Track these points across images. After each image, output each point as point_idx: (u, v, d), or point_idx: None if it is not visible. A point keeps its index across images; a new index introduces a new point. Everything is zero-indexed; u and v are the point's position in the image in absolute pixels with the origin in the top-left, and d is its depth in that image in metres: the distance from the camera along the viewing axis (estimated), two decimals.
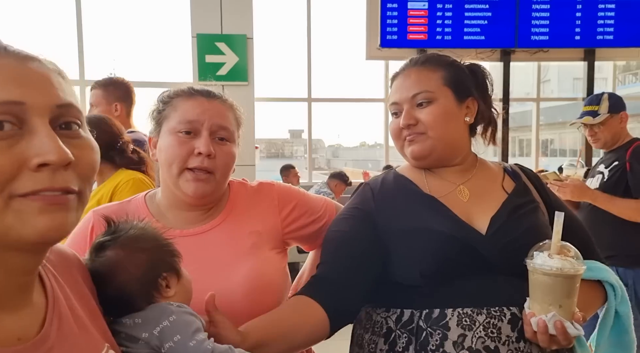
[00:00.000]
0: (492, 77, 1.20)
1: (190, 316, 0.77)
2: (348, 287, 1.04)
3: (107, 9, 5.77)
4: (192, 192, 1.02)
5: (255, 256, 1.06)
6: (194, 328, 0.75)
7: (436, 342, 0.98)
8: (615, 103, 2.60)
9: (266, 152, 22.22)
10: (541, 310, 0.93)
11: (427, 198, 1.10)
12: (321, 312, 1.00)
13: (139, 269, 0.78)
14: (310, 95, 5.86)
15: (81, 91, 5.15)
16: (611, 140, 2.60)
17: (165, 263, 0.82)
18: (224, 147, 1.04)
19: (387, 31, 5.22)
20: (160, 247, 0.83)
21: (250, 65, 4.69)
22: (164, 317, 0.75)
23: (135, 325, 0.76)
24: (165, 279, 0.81)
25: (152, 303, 0.79)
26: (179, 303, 0.79)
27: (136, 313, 0.77)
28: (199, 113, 1.03)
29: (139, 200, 1.12)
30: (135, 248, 0.80)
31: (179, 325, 0.75)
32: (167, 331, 0.74)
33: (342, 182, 5.33)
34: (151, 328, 0.74)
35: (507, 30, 5.30)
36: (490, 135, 1.20)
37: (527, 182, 1.17)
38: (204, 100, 1.05)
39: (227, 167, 1.06)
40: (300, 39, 5.74)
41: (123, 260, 0.78)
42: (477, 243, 1.02)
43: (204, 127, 1.02)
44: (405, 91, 1.12)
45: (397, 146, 1.17)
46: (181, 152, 1.01)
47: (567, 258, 0.92)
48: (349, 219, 1.12)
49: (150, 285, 0.79)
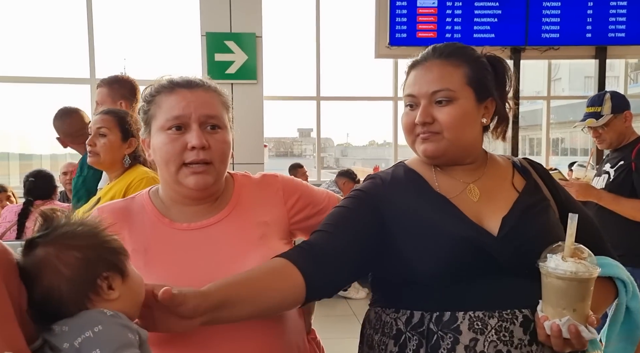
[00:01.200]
0: (512, 71, 1.14)
1: (121, 329, 0.69)
2: (335, 260, 1.01)
3: (117, 8, 5.80)
4: (193, 185, 1.02)
5: (265, 246, 1.05)
6: (119, 345, 0.66)
7: (447, 345, 0.97)
8: (618, 103, 2.57)
9: (275, 151, 22.23)
10: (555, 314, 0.91)
11: (438, 198, 1.07)
12: (299, 277, 0.95)
13: (70, 269, 0.71)
14: (319, 93, 5.86)
15: (91, 90, 5.21)
16: (617, 140, 2.58)
17: (106, 261, 0.74)
18: (217, 135, 1.03)
19: (396, 29, 5.21)
20: (100, 244, 0.75)
21: (259, 63, 4.70)
22: (88, 326, 0.67)
23: (61, 334, 0.68)
24: (107, 279, 0.74)
25: (88, 309, 0.71)
26: (114, 312, 0.71)
27: (66, 320, 0.69)
28: (184, 107, 1.01)
29: (144, 196, 1.12)
30: (68, 245, 0.72)
31: (102, 338, 0.66)
32: (87, 343, 0.66)
33: (350, 180, 5.32)
34: (73, 338, 0.66)
35: (517, 28, 5.27)
36: (501, 131, 1.16)
37: (537, 179, 1.14)
38: (187, 93, 1.03)
39: (224, 155, 1.05)
40: (309, 38, 5.74)
41: (52, 258, 0.71)
42: (489, 245, 1.00)
43: (192, 120, 1.01)
44: (425, 85, 1.06)
45: (408, 140, 1.12)
46: (175, 149, 1.01)
47: (581, 261, 0.90)
48: (353, 198, 1.11)
49: (86, 287, 0.72)
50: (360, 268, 1.07)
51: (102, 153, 1.90)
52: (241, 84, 4.60)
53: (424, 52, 1.11)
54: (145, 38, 6.69)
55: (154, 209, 1.08)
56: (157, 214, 1.08)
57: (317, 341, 1.24)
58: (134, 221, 1.07)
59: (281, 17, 6.69)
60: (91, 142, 1.90)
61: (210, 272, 0.99)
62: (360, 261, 1.05)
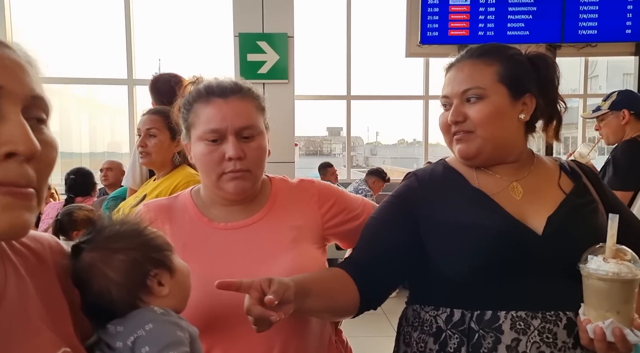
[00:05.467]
0: (559, 69, 1.12)
1: (171, 326, 0.69)
2: (380, 276, 1.06)
3: (154, 11, 5.95)
4: (233, 189, 1.07)
5: (295, 249, 1.08)
6: (168, 342, 0.67)
7: (489, 345, 0.96)
8: (620, 100, 2.56)
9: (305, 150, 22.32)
10: (597, 317, 0.89)
11: (477, 193, 1.06)
12: (355, 289, 1.02)
13: (118, 272, 0.71)
14: (350, 92, 5.86)
15: (129, 90, 5.36)
16: (612, 136, 2.58)
17: (152, 260, 0.74)
18: (252, 144, 1.06)
19: (428, 27, 5.17)
20: (144, 243, 0.75)
21: (291, 63, 4.73)
22: (140, 325, 0.68)
23: (116, 334, 0.69)
24: (156, 277, 0.74)
25: (140, 307, 0.72)
26: (165, 310, 0.72)
27: (119, 320, 0.70)
28: (220, 120, 1.04)
29: (186, 195, 1.17)
30: (112, 249, 0.72)
31: (152, 336, 0.67)
32: (139, 342, 0.66)
33: (380, 179, 5.30)
34: (126, 337, 0.67)
35: (552, 25, 5.15)
36: (553, 131, 1.13)
37: (586, 182, 1.11)
38: (222, 103, 1.05)
39: (259, 161, 1.08)
40: (340, 37, 5.76)
41: (99, 263, 0.71)
42: (532, 243, 0.98)
43: (229, 132, 1.04)
44: (457, 85, 1.07)
45: (446, 141, 1.13)
46: (213, 159, 1.05)
47: (624, 262, 0.88)
48: (388, 208, 1.12)
49: (136, 288, 0.72)
50: (405, 273, 1.10)
51: (153, 153, 1.94)
52: (273, 83, 4.65)
53: (460, 54, 1.12)
54: (180, 39, 6.84)
55: (195, 208, 1.13)
56: (197, 213, 1.13)
57: (345, 342, 1.25)
58: (176, 218, 1.12)
59: (313, 16, 6.72)
60: (142, 144, 1.94)
61: (240, 270, 1.03)
62: (403, 268, 1.08)
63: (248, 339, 1.02)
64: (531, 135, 1.14)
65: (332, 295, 1.00)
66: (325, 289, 0.98)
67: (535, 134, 1.15)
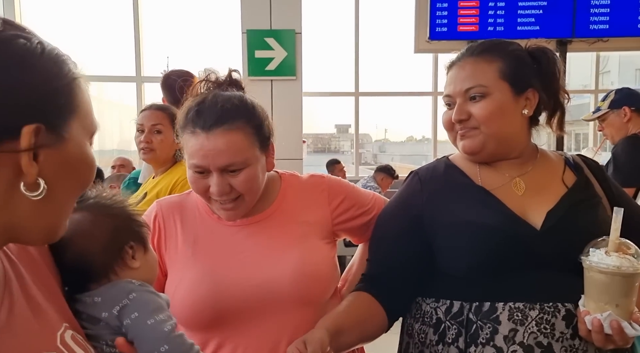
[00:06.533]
0: (560, 61, 1.12)
1: (151, 295, 0.74)
2: (399, 287, 1.09)
3: (162, 8, 5.97)
4: (225, 218, 1.09)
5: (304, 244, 1.09)
6: (154, 307, 0.72)
7: (486, 335, 0.97)
8: (619, 98, 2.53)
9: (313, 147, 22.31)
10: (596, 309, 0.90)
11: (478, 191, 1.07)
12: (381, 310, 1.07)
13: (104, 234, 0.76)
14: (358, 89, 5.85)
15: (137, 88, 5.38)
16: (617, 135, 2.54)
17: (133, 232, 0.80)
18: (239, 176, 1.02)
19: (437, 23, 5.12)
20: (129, 216, 0.81)
21: (299, 60, 4.73)
22: (123, 295, 0.72)
23: (95, 304, 0.73)
24: (132, 249, 0.79)
25: (113, 276, 0.76)
26: (141, 282, 0.76)
27: (95, 291, 0.74)
28: (201, 157, 1.00)
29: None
30: (102, 213, 0.77)
31: (138, 303, 0.72)
32: (126, 309, 0.71)
33: (388, 176, 5.29)
34: (110, 307, 0.71)
35: (563, 19, 5.09)
36: (557, 123, 1.13)
37: (589, 176, 1.12)
38: (204, 139, 1.00)
39: (250, 188, 1.05)
40: (348, 33, 5.74)
41: (87, 223, 0.75)
42: (530, 238, 1.00)
43: (212, 168, 1.01)
44: (459, 84, 1.08)
45: (450, 138, 1.15)
46: (199, 188, 1.04)
47: (626, 256, 0.88)
48: (396, 218, 1.14)
49: (114, 253, 0.76)
50: (422, 277, 1.11)
51: (158, 149, 1.95)
52: (281, 80, 4.65)
53: (460, 52, 1.13)
54: (188, 36, 6.85)
55: (205, 206, 1.14)
56: (207, 211, 1.14)
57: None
58: (187, 215, 1.14)
59: (320, 13, 6.71)
60: (148, 139, 1.94)
61: (249, 265, 1.06)
62: (420, 273, 1.10)
63: (257, 332, 1.04)
64: (535, 129, 1.14)
65: (363, 325, 1.04)
66: (356, 322, 1.02)
67: (543, 129, 1.15)
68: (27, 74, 0.53)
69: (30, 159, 0.52)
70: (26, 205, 0.54)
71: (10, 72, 0.51)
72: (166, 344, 0.70)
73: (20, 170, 0.52)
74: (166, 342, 0.70)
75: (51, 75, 0.55)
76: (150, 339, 0.70)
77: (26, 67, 0.53)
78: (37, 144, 0.52)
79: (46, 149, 0.54)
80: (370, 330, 1.07)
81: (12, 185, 0.53)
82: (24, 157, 0.52)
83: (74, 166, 0.58)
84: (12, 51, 0.52)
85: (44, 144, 0.53)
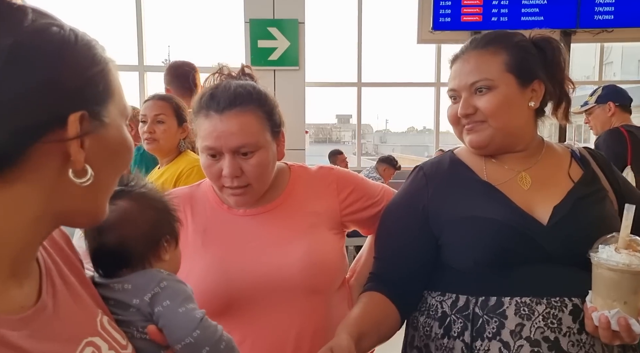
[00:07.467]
0: (565, 50, 1.11)
1: (181, 284, 0.77)
2: (409, 284, 1.09)
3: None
4: (234, 204, 1.10)
5: (312, 235, 1.10)
6: (184, 297, 0.75)
7: (493, 329, 0.97)
8: (606, 94, 2.77)
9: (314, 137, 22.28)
10: (604, 305, 0.89)
11: (483, 186, 1.07)
12: (394, 309, 1.07)
13: (147, 224, 0.79)
14: (360, 79, 5.83)
15: (140, 77, 5.38)
16: (600, 128, 2.78)
17: (171, 226, 0.83)
18: (251, 160, 1.04)
19: (440, 13, 5.09)
20: (170, 211, 0.84)
21: (302, 49, 4.71)
22: (154, 283, 0.74)
23: (124, 291, 0.74)
24: (167, 242, 0.81)
25: (147, 264, 0.78)
26: (169, 272, 0.79)
27: (125, 278, 0.76)
28: (214, 138, 1.02)
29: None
30: (147, 204, 0.80)
31: (170, 292, 0.74)
32: (157, 297, 0.73)
33: (391, 167, 5.30)
34: (142, 294, 0.73)
35: (567, 10, 5.06)
36: (563, 112, 1.12)
37: (596, 169, 1.10)
38: (217, 120, 1.02)
39: (261, 174, 1.07)
40: (351, 23, 5.71)
41: (135, 211, 0.78)
42: (537, 233, 0.99)
43: (224, 150, 1.03)
44: (464, 78, 1.06)
45: (456, 132, 1.13)
46: (212, 173, 1.06)
47: (636, 253, 0.87)
48: (402, 214, 1.13)
49: (152, 243, 0.79)
50: (430, 272, 1.11)
51: (161, 139, 1.94)
52: (284, 70, 4.64)
53: (463, 45, 1.12)
54: (191, 25, 6.82)
55: (215, 197, 1.15)
56: (217, 201, 1.15)
57: None
58: (197, 205, 1.15)
59: (324, 2, 6.67)
60: (151, 130, 1.94)
61: (258, 254, 1.07)
62: (429, 269, 1.10)
63: (266, 320, 1.05)
64: (541, 120, 1.13)
65: (380, 327, 1.04)
66: (374, 325, 1.02)
67: (546, 120, 1.14)
68: (67, 63, 0.53)
69: (78, 146, 0.53)
70: (74, 191, 0.55)
71: (51, 62, 0.51)
72: (198, 329, 0.72)
73: (67, 158, 0.53)
74: (198, 328, 0.72)
75: (87, 62, 0.55)
76: (182, 327, 0.72)
77: (65, 56, 0.53)
78: (83, 131, 0.53)
79: (91, 135, 0.54)
80: (386, 332, 1.06)
81: (61, 173, 0.54)
82: (73, 144, 0.53)
83: (115, 150, 0.59)
84: (49, 41, 0.52)
85: (89, 131, 0.54)
